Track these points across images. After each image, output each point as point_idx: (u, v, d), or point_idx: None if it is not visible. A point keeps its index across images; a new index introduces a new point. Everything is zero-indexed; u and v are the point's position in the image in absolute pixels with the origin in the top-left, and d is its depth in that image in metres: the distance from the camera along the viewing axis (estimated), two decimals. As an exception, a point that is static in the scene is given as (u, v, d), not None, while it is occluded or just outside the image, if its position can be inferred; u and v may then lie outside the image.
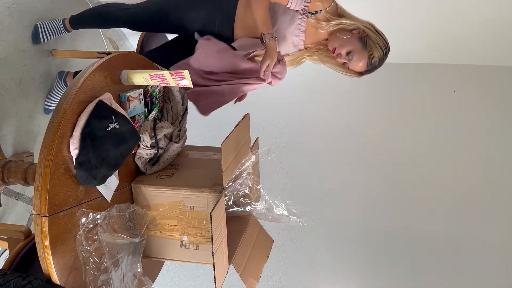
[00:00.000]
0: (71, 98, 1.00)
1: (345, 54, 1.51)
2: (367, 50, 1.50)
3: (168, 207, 1.28)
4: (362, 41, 1.50)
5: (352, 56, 1.50)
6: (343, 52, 1.51)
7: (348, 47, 1.50)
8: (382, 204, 2.55)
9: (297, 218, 1.31)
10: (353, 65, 1.53)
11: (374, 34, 1.51)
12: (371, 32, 1.51)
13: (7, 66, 1.86)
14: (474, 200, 2.45)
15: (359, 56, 1.50)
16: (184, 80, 1.14)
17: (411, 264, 2.52)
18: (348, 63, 1.53)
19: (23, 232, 1.41)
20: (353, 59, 1.51)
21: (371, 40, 1.50)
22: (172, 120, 1.47)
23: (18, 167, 1.53)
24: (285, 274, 2.64)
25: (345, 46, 1.50)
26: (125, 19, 1.71)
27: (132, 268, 1.15)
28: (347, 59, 1.52)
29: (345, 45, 1.50)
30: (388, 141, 2.57)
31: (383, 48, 1.51)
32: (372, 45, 1.50)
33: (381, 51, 1.51)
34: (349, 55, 1.51)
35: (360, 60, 1.51)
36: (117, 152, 1.12)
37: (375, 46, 1.50)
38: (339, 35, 1.52)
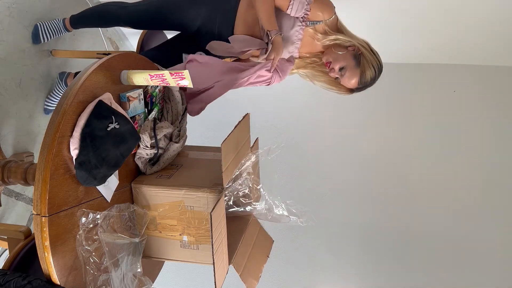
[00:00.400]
0: (71, 98, 1.00)
1: (338, 69, 1.53)
2: (360, 68, 1.52)
3: (168, 207, 1.28)
4: (356, 58, 1.52)
5: (345, 72, 1.52)
6: (336, 67, 1.53)
7: (342, 63, 1.52)
8: (382, 204, 2.55)
9: (297, 218, 1.31)
10: (345, 81, 1.56)
11: (369, 53, 1.53)
12: (366, 51, 1.53)
13: (7, 66, 1.86)
14: (474, 200, 2.45)
15: (352, 73, 1.52)
16: (184, 80, 1.14)
17: (411, 264, 2.52)
18: (340, 78, 1.56)
19: (23, 232, 1.41)
20: (345, 75, 1.53)
21: (365, 58, 1.52)
22: (172, 120, 1.47)
23: (18, 167, 1.53)
24: (285, 274, 2.64)
25: (339, 61, 1.53)
26: (125, 18, 1.71)
27: (132, 268, 1.15)
28: (340, 75, 1.54)
29: (339, 61, 1.53)
30: (388, 141, 2.57)
31: (376, 68, 1.53)
32: (366, 64, 1.52)
33: (374, 71, 1.53)
34: (341, 71, 1.53)
35: (352, 77, 1.53)
36: (117, 152, 1.12)
37: (368, 65, 1.52)
38: (335, 50, 1.55)
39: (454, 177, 2.48)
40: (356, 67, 1.51)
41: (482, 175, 2.45)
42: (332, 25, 1.57)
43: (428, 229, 2.49)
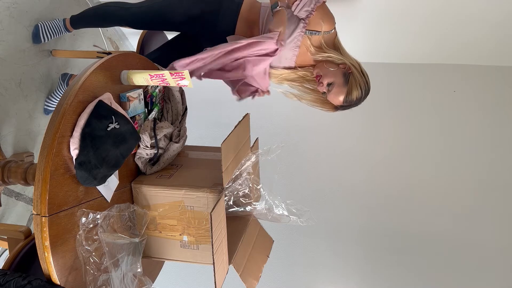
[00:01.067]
0: (71, 98, 1.00)
1: (326, 84, 1.55)
2: (348, 86, 1.53)
3: (168, 207, 1.28)
4: (345, 76, 1.54)
5: (332, 88, 1.54)
6: (325, 82, 1.55)
7: (331, 79, 1.54)
8: (382, 204, 2.55)
9: (297, 218, 1.31)
10: (331, 97, 1.57)
11: (358, 74, 1.54)
12: (357, 71, 1.55)
13: (7, 66, 1.86)
14: (474, 200, 2.45)
15: (339, 90, 1.54)
16: (184, 80, 1.14)
17: (411, 263, 2.52)
18: (327, 93, 1.57)
19: (23, 232, 1.41)
20: (332, 91, 1.55)
21: (354, 78, 1.54)
22: (172, 120, 1.47)
23: (18, 167, 1.53)
24: (285, 274, 2.64)
25: (329, 77, 1.54)
26: (126, 19, 1.71)
27: (132, 268, 1.15)
28: (327, 90, 1.56)
29: (328, 76, 1.54)
30: (388, 141, 2.57)
31: (363, 89, 1.55)
32: (354, 84, 1.53)
33: (360, 92, 1.54)
34: (329, 86, 1.55)
35: (338, 95, 1.54)
36: (117, 152, 1.12)
37: (356, 86, 1.53)
38: (326, 66, 1.56)
39: (454, 177, 2.48)
40: (344, 85, 1.53)
41: (482, 175, 2.45)
42: (329, 40, 1.58)
43: (428, 229, 2.50)
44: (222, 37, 1.61)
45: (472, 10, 2.09)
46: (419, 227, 2.51)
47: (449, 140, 2.49)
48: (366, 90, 1.57)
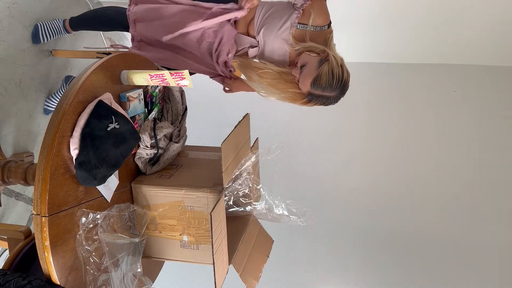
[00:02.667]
0: (71, 98, 1.00)
1: (300, 66, 1.46)
2: (319, 70, 1.42)
3: (168, 207, 1.28)
4: (320, 62, 1.44)
5: (304, 69, 1.44)
6: (299, 64, 1.47)
7: (305, 61, 1.46)
8: (382, 204, 2.55)
9: (297, 218, 1.31)
10: (301, 81, 1.46)
11: (335, 63, 1.43)
12: (335, 61, 1.44)
13: (7, 66, 1.86)
14: (474, 200, 2.45)
15: (309, 72, 1.43)
16: (184, 80, 1.14)
17: (411, 263, 2.52)
18: (298, 77, 1.47)
19: (23, 232, 1.41)
20: (303, 72, 1.45)
21: (328, 64, 1.42)
22: (172, 120, 1.47)
23: (18, 167, 1.53)
24: (285, 274, 2.64)
25: (304, 60, 1.47)
26: (125, 23, 1.71)
27: (132, 268, 1.15)
28: (298, 73, 1.47)
29: (304, 60, 1.47)
30: (388, 141, 2.57)
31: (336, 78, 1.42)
32: (326, 69, 1.42)
33: (332, 79, 1.41)
34: (302, 68, 1.45)
35: (307, 77, 1.43)
36: (117, 152, 1.12)
37: (328, 71, 1.41)
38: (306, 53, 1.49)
39: (454, 177, 2.48)
40: (316, 69, 1.42)
41: (482, 175, 2.45)
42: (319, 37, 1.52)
43: (427, 228, 2.50)
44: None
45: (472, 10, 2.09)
46: (419, 227, 2.51)
47: (449, 140, 2.49)
48: (339, 81, 1.42)
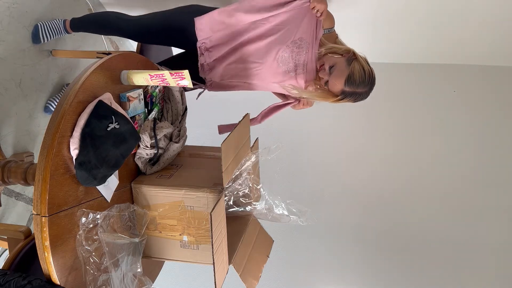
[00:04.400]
0: (71, 98, 1.00)
1: (328, 68, 1.48)
2: (350, 68, 1.46)
3: (168, 207, 1.28)
4: (349, 60, 1.48)
5: (334, 71, 1.47)
6: (327, 66, 1.49)
7: (333, 62, 1.48)
8: (382, 204, 2.55)
9: (297, 217, 1.31)
10: (332, 81, 1.48)
11: (363, 61, 1.48)
12: (362, 58, 1.49)
13: (7, 66, 1.86)
14: (474, 200, 2.45)
15: (340, 72, 1.46)
16: (184, 80, 1.14)
17: (411, 263, 2.52)
18: (328, 79, 1.49)
19: (23, 232, 1.41)
20: (333, 73, 1.47)
21: (358, 62, 1.47)
22: (172, 120, 1.47)
23: (18, 167, 1.53)
24: (285, 274, 2.64)
25: (331, 61, 1.49)
26: (125, 29, 1.71)
27: (132, 268, 1.15)
28: (328, 74, 1.48)
29: (331, 60, 1.49)
30: (388, 141, 2.56)
31: (367, 74, 1.47)
32: (356, 66, 1.46)
33: (364, 75, 1.46)
34: (331, 69, 1.48)
35: (339, 76, 1.46)
36: (117, 152, 1.12)
37: (359, 68, 1.46)
38: (330, 55, 1.52)
39: (454, 177, 2.48)
40: (346, 67, 1.46)
41: (482, 175, 2.45)
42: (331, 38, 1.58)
43: (428, 229, 2.50)
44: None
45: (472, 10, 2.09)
46: (419, 227, 2.51)
47: (448, 140, 2.49)
48: (371, 76, 1.48)
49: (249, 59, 1.54)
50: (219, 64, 1.58)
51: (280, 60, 1.53)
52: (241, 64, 1.56)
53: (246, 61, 1.55)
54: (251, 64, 1.55)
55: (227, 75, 1.60)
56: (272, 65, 1.54)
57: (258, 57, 1.54)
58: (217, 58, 1.57)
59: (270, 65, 1.54)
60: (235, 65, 1.57)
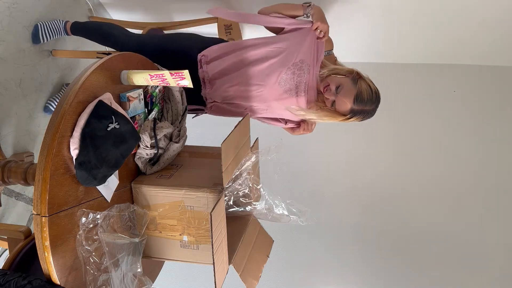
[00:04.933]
0: (71, 98, 1.00)
1: (335, 88, 1.47)
2: (357, 86, 1.46)
3: (168, 207, 1.28)
4: (354, 80, 1.48)
5: (341, 90, 1.46)
6: (333, 87, 1.47)
7: (339, 82, 1.48)
8: (382, 204, 2.55)
9: (297, 217, 1.31)
10: (340, 101, 1.47)
11: (367, 79, 1.50)
12: (365, 77, 1.50)
13: (7, 66, 1.86)
14: (473, 200, 2.45)
15: (347, 91, 1.45)
16: (184, 80, 1.14)
17: (411, 263, 2.52)
18: (335, 99, 1.48)
19: (23, 232, 1.41)
20: (340, 93, 1.46)
21: (362, 80, 1.48)
22: (172, 120, 1.47)
23: (18, 167, 1.53)
24: (285, 274, 2.64)
25: (336, 81, 1.48)
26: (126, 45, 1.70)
27: (132, 268, 1.15)
28: (335, 94, 1.47)
29: (336, 81, 1.48)
30: (387, 141, 2.57)
31: (373, 91, 1.48)
32: (363, 84, 1.47)
33: (370, 92, 1.47)
34: (338, 89, 1.46)
35: (347, 96, 1.45)
36: (117, 152, 1.12)
37: (365, 86, 1.47)
38: (333, 76, 1.52)
39: (454, 177, 2.48)
40: (353, 86, 1.46)
41: (482, 175, 2.45)
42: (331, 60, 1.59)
43: (428, 229, 2.49)
44: None
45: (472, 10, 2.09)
46: (419, 228, 2.51)
47: (448, 140, 2.49)
48: (377, 94, 1.49)
49: (251, 82, 1.55)
50: (220, 79, 1.57)
51: (281, 82, 1.53)
52: (243, 87, 1.56)
53: (248, 84, 1.55)
54: (253, 86, 1.55)
55: (228, 96, 1.59)
56: (273, 87, 1.54)
57: (259, 79, 1.54)
58: (218, 71, 1.57)
59: (272, 87, 1.54)
60: (237, 87, 1.56)
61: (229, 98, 1.60)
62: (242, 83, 1.55)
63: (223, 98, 1.60)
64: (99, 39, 1.87)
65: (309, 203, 1.34)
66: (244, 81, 1.55)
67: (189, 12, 2.44)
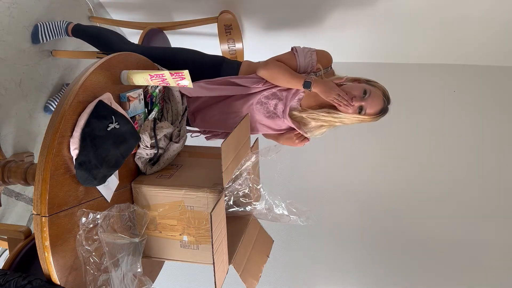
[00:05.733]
0: (71, 98, 1.00)
1: (362, 94, 1.47)
2: (378, 87, 1.51)
3: (168, 207, 1.28)
4: (369, 83, 1.52)
5: (369, 94, 1.47)
6: (358, 93, 1.47)
7: (363, 87, 1.48)
8: (382, 204, 2.55)
9: (297, 217, 1.31)
10: (370, 103, 1.48)
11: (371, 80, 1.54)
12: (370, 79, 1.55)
13: (7, 66, 1.86)
14: (473, 200, 2.45)
15: (374, 93, 1.48)
16: (184, 80, 1.14)
17: (411, 264, 2.52)
18: (364, 104, 1.48)
19: (23, 232, 1.41)
20: (369, 96, 1.47)
21: (372, 81, 1.53)
22: (172, 120, 1.47)
23: (18, 167, 1.53)
24: (285, 274, 2.64)
25: (358, 88, 1.49)
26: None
27: (132, 268, 1.15)
28: (364, 99, 1.47)
29: (358, 88, 1.49)
30: (388, 141, 2.57)
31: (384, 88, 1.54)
32: (377, 84, 1.52)
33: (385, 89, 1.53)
34: (365, 94, 1.47)
35: (376, 96, 1.48)
36: (117, 152, 1.12)
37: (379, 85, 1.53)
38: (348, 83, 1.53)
39: (454, 177, 2.48)
40: (375, 88, 1.50)
41: (482, 175, 2.45)
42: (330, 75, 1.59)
43: (428, 229, 2.50)
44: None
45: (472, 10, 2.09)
46: (418, 227, 2.51)
47: (449, 139, 2.49)
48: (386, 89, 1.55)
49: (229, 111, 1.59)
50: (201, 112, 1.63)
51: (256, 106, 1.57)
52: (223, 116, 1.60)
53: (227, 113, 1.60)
54: (231, 114, 1.59)
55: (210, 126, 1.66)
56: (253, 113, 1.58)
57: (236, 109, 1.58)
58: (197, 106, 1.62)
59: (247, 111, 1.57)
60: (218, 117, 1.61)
61: (210, 126, 1.65)
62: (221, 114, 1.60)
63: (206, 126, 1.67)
64: (100, 45, 1.88)
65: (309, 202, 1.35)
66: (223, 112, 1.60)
67: (189, 12, 2.44)
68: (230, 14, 2.24)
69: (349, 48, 2.51)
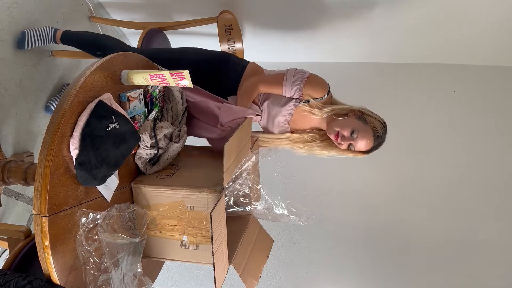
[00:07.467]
0: (71, 98, 1.00)
1: (350, 134, 1.46)
2: (369, 125, 1.47)
3: (168, 207, 1.28)
4: (361, 119, 1.49)
5: (357, 134, 1.45)
6: (346, 133, 1.46)
7: (351, 126, 1.46)
8: (382, 204, 2.55)
9: (297, 217, 1.31)
10: (359, 144, 1.47)
11: (369, 112, 1.51)
12: (365, 110, 1.52)
13: (7, 66, 1.86)
14: (474, 200, 2.45)
15: (364, 132, 1.46)
16: (184, 80, 1.14)
17: (411, 264, 2.52)
18: (353, 143, 1.47)
19: (23, 232, 1.41)
20: (358, 136, 1.45)
21: (369, 116, 1.50)
22: (172, 120, 1.47)
23: (18, 167, 1.53)
24: (285, 274, 2.64)
25: (347, 126, 1.47)
26: None
27: (132, 268, 1.15)
28: (352, 139, 1.46)
29: (347, 126, 1.47)
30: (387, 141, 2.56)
31: (381, 122, 1.51)
32: (372, 120, 1.49)
33: (381, 124, 1.50)
34: (353, 134, 1.45)
35: (366, 136, 1.46)
36: (117, 152, 1.12)
37: (375, 120, 1.49)
38: (337, 118, 1.51)
39: (454, 177, 2.48)
40: (366, 126, 1.47)
41: (482, 175, 2.45)
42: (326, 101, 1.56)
43: (427, 229, 2.50)
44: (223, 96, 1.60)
45: (473, 10, 2.09)
46: (420, 228, 2.51)
47: (449, 139, 2.49)
48: (384, 123, 1.52)
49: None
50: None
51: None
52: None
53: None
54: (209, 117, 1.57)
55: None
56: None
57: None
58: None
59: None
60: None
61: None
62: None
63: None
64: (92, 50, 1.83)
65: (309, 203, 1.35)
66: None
67: (189, 12, 2.44)
68: (230, 14, 2.25)
69: (349, 48, 2.51)
